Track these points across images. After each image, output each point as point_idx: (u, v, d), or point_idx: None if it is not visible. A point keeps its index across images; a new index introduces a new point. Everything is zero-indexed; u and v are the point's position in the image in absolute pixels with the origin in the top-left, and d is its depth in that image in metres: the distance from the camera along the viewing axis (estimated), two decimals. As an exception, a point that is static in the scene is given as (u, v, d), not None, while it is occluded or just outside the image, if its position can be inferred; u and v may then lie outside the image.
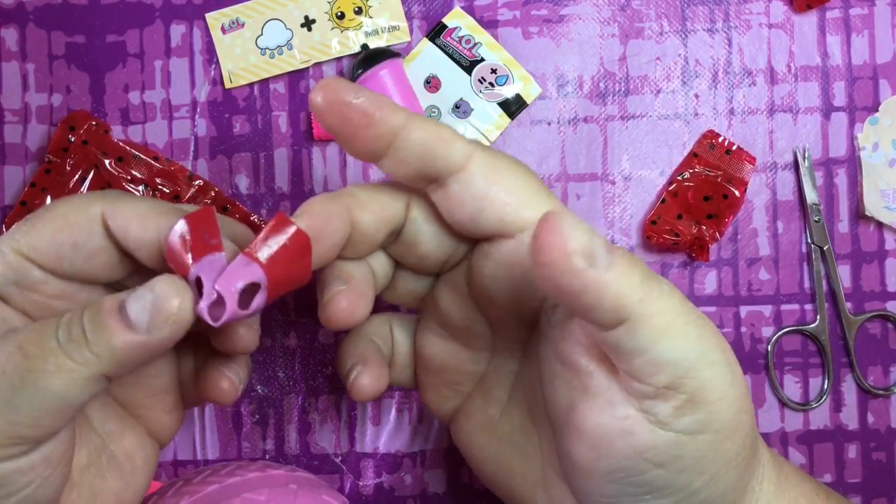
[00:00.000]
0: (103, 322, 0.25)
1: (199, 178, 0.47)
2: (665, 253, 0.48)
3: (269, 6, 0.48)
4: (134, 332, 0.25)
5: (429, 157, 0.28)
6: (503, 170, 0.29)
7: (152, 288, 0.25)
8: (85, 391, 0.25)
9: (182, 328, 0.26)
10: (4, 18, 0.48)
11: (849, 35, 0.48)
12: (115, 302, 0.25)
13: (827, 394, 0.47)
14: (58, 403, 0.25)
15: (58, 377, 0.25)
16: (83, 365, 0.25)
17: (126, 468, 0.31)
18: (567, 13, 0.48)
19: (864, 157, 0.47)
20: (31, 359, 0.25)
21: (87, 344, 0.25)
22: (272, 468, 0.42)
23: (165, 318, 0.25)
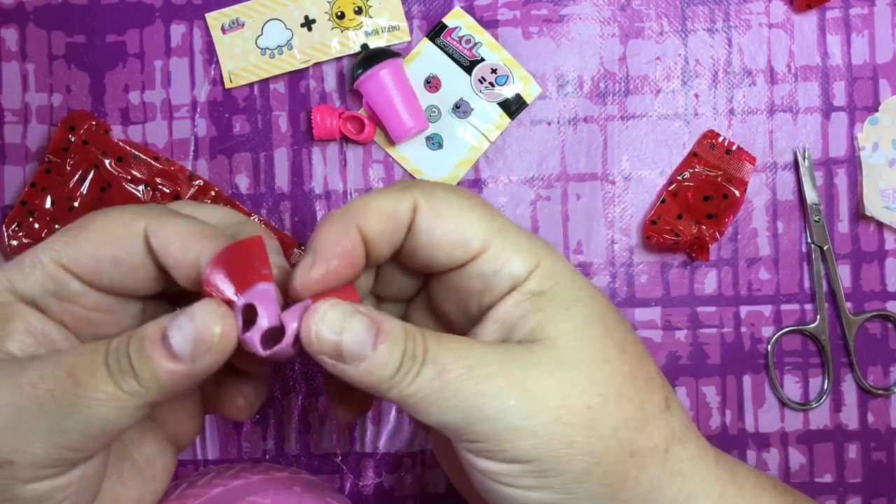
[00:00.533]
0: (147, 354, 0.25)
1: (199, 178, 0.47)
2: (665, 253, 0.48)
3: (269, 6, 0.48)
4: (178, 361, 0.25)
5: (391, 238, 0.29)
6: (444, 209, 0.29)
7: (192, 316, 0.25)
8: (131, 419, 0.26)
9: (225, 355, 0.26)
10: (4, 18, 0.48)
11: (849, 35, 0.48)
12: (158, 331, 0.26)
13: (827, 394, 0.47)
14: (104, 430, 0.25)
15: (107, 406, 0.25)
16: (131, 395, 0.25)
17: (146, 474, 0.32)
18: (567, 13, 0.48)
19: (864, 156, 0.47)
20: (81, 386, 0.25)
21: (134, 375, 0.25)
22: (276, 470, 0.42)
23: (209, 347, 0.25)
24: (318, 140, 0.48)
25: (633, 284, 0.48)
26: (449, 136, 0.48)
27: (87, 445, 0.26)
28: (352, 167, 0.48)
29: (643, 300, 0.48)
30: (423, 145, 0.48)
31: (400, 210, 0.29)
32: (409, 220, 0.29)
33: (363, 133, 0.47)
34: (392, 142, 0.47)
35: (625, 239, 0.48)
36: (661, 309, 0.48)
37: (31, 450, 0.25)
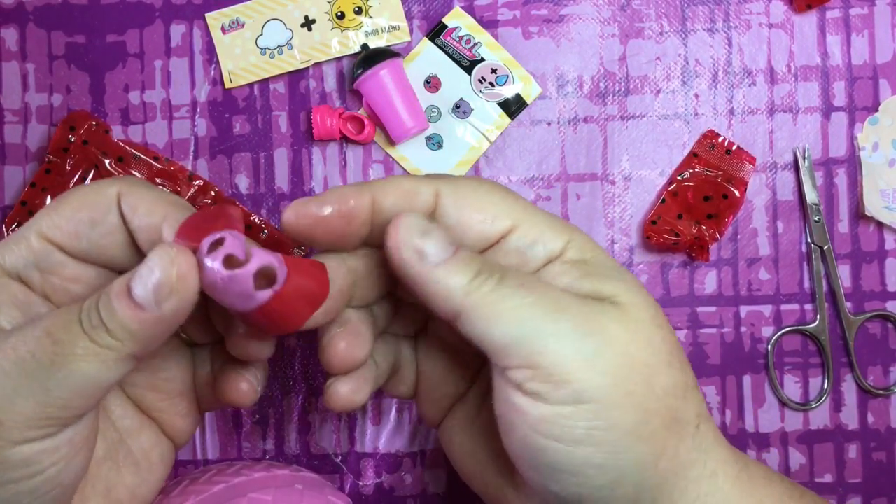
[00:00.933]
0: (113, 306, 0.26)
1: (199, 178, 0.47)
2: (665, 253, 0.48)
3: (269, 6, 0.48)
4: (143, 309, 0.26)
5: (411, 206, 0.30)
6: (468, 193, 0.30)
7: (149, 261, 0.26)
8: (115, 372, 0.26)
9: (189, 296, 0.26)
10: (4, 18, 0.48)
11: (849, 35, 0.48)
12: (123, 283, 0.26)
13: (827, 394, 0.47)
14: (88, 384, 0.26)
15: (86, 361, 0.26)
16: (107, 348, 0.26)
17: (142, 464, 0.32)
18: (567, 13, 0.48)
19: (864, 156, 0.47)
20: (59, 344, 0.26)
21: (106, 328, 0.26)
22: (277, 468, 0.42)
23: (170, 289, 0.25)
24: (318, 140, 0.48)
25: (633, 284, 0.48)
26: (449, 136, 0.48)
27: (72, 402, 0.26)
28: (352, 167, 0.48)
29: (643, 300, 0.48)
30: (423, 145, 0.48)
31: (421, 191, 0.30)
32: (431, 206, 0.30)
33: (363, 133, 0.47)
34: (392, 142, 0.47)
35: (625, 239, 0.48)
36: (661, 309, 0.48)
37: (18, 409, 0.25)
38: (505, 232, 0.30)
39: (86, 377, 0.26)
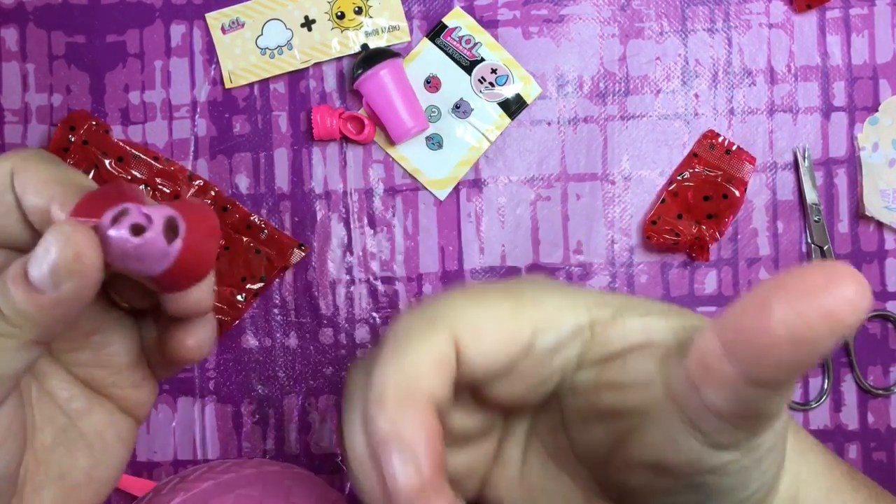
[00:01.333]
0: (9, 290, 0.24)
1: (199, 178, 0.47)
2: (665, 253, 0.48)
3: (269, 6, 0.48)
4: (40, 292, 0.24)
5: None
6: None
7: (43, 242, 0.24)
8: (19, 360, 0.25)
9: (90, 274, 0.24)
10: (4, 18, 0.48)
11: (849, 35, 0.48)
12: (20, 267, 0.24)
13: (827, 394, 0.47)
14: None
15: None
16: (8, 336, 0.24)
17: (96, 446, 0.31)
18: (567, 13, 0.48)
19: (864, 157, 0.47)
20: None
21: (3, 317, 0.24)
22: (268, 465, 0.42)
23: (67, 270, 0.24)
24: (318, 140, 0.48)
25: (633, 284, 0.48)
26: (449, 136, 0.48)
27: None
28: (352, 167, 0.48)
29: (643, 300, 0.48)
30: (423, 145, 0.48)
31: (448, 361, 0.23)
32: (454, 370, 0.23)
33: (363, 133, 0.47)
34: (392, 142, 0.47)
35: (625, 239, 0.48)
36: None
37: None
38: None
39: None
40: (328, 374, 0.48)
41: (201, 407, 0.48)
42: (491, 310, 0.23)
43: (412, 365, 0.22)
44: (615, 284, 0.48)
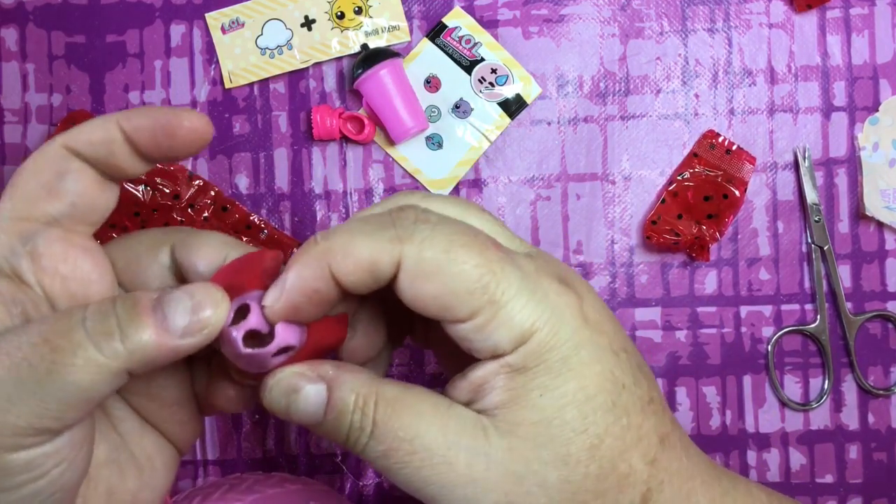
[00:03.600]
0: (140, 319, 0.25)
1: (199, 178, 0.47)
2: (665, 253, 0.48)
3: (269, 6, 0.48)
4: (168, 334, 0.25)
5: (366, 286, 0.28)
6: (430, 271, 0.27)
7: (192, 294, 0.26)
8: (109, 385, 0.25)
9: (210, 339, 0.26)
10: (4, 18, 0.48)
11: (849, 35, 0.48)
12: (151, 300, 0.26)
13: (827, 394, 0.47)
14: (83, 397, 0.25)
15: (85, 371, 0.24)
16: (112, 359, 0.25)
17: (145, 469, 0.31)
18: (567, 13, 0.48)
19: (865, 156, 0.47)
20: (58, 351, 0.24)
21: (121, 337, 0.25)
22: (289, 482, 0.42)
23: (202, 326, 0.25)
24: (318, 140, 0.48)
25: (633, 284, 0.48)
26: (449, 136, 0.48)
27: (66, 414, 0.25)
28: (352, 167, 0.48)
29: (643, 300, 0.48)
30: (423, 145, 0.48)
31: (381, 264, 0.27)
32: (391, 275, 0.27)
33: (363, 133, 0.47)
34: (392, 142, 0.47)
35: (625, 239, 0.48)
36: (662, 309, 0.48)
37: (11, 420, 0.24)
38: (460, 321, 0.27)
39: (80, 389, 0.25)
40: (328, 375, 0.48)
41: (201, 407, 0.48)
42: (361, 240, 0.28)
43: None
44: (615, 284, 0.48)
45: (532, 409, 0.27)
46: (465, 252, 0.27)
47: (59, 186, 0.28)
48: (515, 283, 0.27)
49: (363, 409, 0.27)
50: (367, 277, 0.27)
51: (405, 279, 0.27)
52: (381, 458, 0.27)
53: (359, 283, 0.27)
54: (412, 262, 0.27)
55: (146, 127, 0.27)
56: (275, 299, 0.27)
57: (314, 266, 0.27)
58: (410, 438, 0.27)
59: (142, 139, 0.28)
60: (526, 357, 0.27)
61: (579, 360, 0.27)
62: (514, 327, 0.27)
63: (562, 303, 0.28)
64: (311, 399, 0.27)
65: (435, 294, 0.27)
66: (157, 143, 0.28)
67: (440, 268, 0.26)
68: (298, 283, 0.27)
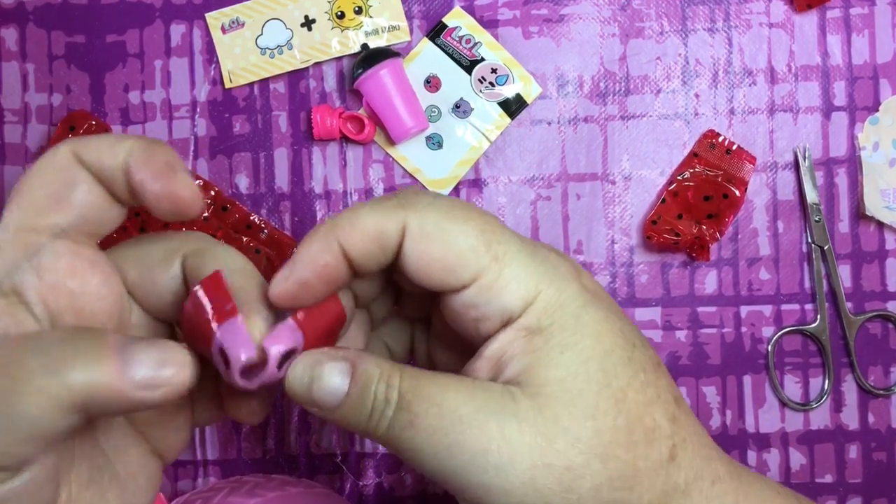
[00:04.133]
0: (101, 356, 0.24)
1: (199, 178, 0.47)
2: (665, 253, 0.48)
3: (269, 6, 0.48)
4: (124, 380, 0.24)
5: (376, 258, 0.28)
6: (434, 233, 0.28)
7: (161, 348, 0.25)
8: (61, 421, 0.24)
9: (167, 400, 0.25)
10: (4, 18, 0.48)
11: (849, 35, 0.48)
12: (118, 341, 0.24)
13: (827, 394, 0.47)
14: (33, 431, 0.23)
15: (35, 401, 0.23)
16: (62, 390, 0.23)
17: (129, 487, 0.30)
18: (567, 13, 0.48)
19: (865, 156, 0.47)
20: (11, 379, 0.23)
21: (77, 370, 0.23)
22: (291, 485, 0.41)
23: (159, 384, 0.24)
24: (318, 140, 0.48)
25: (634, 284, 0.48)
26: (449, 136, 0.48)
27: (18, 449, 0.23)
28: (352, 167, 0.48)
29: (643, 300, 0.48)
30: (423, 145, 0.48)
31: (387, 232, 0.28)
32: (397, 243, 0.28)
33: (363, 133, 0.47)
34: (392, 142, 0.47)
35: (625, 239, 0.48)
36: (662, 309, 0.48)
37: None
38: (466, 284, 0.28)
39: (30, 421, 0.23)
40: (328, 374, 0.48)
41: (201, 407, 0.48)
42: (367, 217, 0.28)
43: None
44: (615, 284, 0.48)
45: (556, 367, 0.27)
46: (465, 213, 0.28)
47: (69, 197, 0.27)
48: (515, 244, 0.28)
49: (388, 381, 0.27)
50: (374, 248, 0.28)
51: (410, 244, 0.27)
52: (408, 428, 0.26)
53: (367, 254, 0.28)
54: (416, 226, 0.27)
55: (139, 181, 0.26)
56: (284, 278, 0.27)
57: (323, 240, 0.28)
58: (439, 403, 0.26)
59: (143, 196, 0.27)
60: (539, 316, 0.27)
61: (590, 317, 0.28)
62: (521, 285, 0.27)
63: (561, 266, 0.28)
64: (335, 373, 0.27)
65: (439, 256, 0.27)
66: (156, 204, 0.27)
67: (443, 228, 0.27)
68: (307, 257, 0.28)
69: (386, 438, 0.27)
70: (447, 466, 0.26)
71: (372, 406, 0.27)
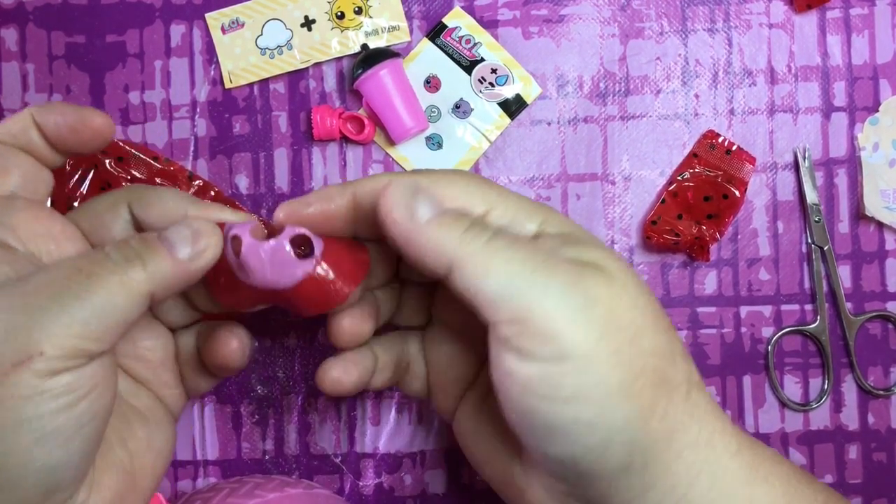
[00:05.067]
0: (154, 247, 0.29)
1: (199, 178, 0.47)
2: (665, 253, 0.48)
3: (269, 6, 0.48)
4: (177, 259, 0.29)
5: None
6: (444, 184, 0.31)
7: (190, 225, 0.30)
8: (138, 307, 0.29)
9: (211, 261, 0.30)
10: (4, 18, 0.48)
11: (849, 35, 0.48)
12: (156, 235, 0.30)
13: (827, 394, 0.47)
14: (119, 318, 0.28)
15: (119, 292, 0.28)
16: (139, 282, 0.28)
17: (150, 417, 0.34)
18: (567, 13, 0.48)
19: (865, 157, 0.47)
20: (93, 278, 0.28)
21: (142, 265, 0.28)
22: (290, 486, 0.41)
23: (202, 252, 0.30)
24: (318, 140, 0.48)
25: (633, 285, 0.48)
26: (449, 136, 0.48)
27: (105, 336, 0.28)
28: (352, 167, 0.48)
29: (643, 300, 0.48)
30: (423, 145, 0.48)
31: None
32: None
33: (363, 133, 0.47)
34: (392, 142, 0.47)
35: (625, 239, 0.48)
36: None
37: (57, 342, 0.26)
38: (481, 216, 0.31)
39: (115, 309, 0.28)
40: (328, 375, 0.48)
41: (200, 407, 0.48)
42: None
43: None
44: (615, 284, 0.48)
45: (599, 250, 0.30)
46: (466, 172, 0.34)
47: (11, 165, 0.31)
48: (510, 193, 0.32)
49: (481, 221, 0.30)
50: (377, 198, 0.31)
51: None
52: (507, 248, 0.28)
53: (370, 203, 0.31)
54: (428, 182, 0.31)
55: (53, 123, 0.31)
56: (291, 202, 0.32)
57: (341, 188, 0.32)
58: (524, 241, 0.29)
59: (50, 134, 0.32)
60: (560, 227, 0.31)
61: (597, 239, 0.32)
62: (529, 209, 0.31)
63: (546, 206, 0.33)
64: (431, 198, 0.30)
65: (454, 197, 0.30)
66: (62, 138, 0.32)
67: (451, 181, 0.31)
68: (322, 192, 0.32)
69: (474, 250, 0.28)
70: (536, 292, 0.28)
71: (469, 224, 0.29)
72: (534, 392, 0.28)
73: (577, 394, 0.27)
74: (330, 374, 0.35)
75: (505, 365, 0.28)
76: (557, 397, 0.27)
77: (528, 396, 0.28)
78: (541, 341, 0.27)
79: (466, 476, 0.48)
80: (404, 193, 0.29)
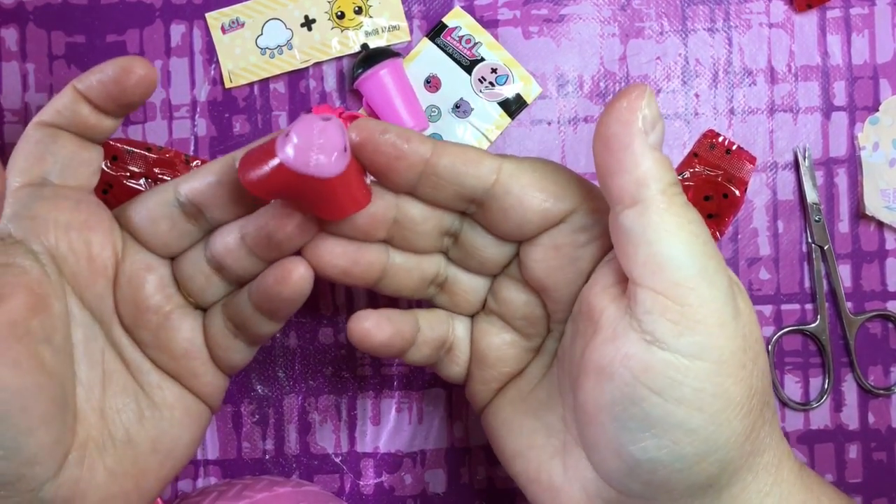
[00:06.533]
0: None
1: (197, 159, 0.47)
2: (665, 253, 0.48)
3: (269, 6, 0.48)
4: None
5: (460, 178, 0.31)
6: (531, 172, 0.31)
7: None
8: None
9: None
10: (4, 18, 0.48)
11: (849, 35, 0.48)
12: None
13: (827, 394, 0.47)
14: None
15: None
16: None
17: (165, 417, 0.33)
18: (567, 13, 0.48)
19: (865, 156, 0.47)
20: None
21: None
22: (279, 485, 0.41)
23: None
24: (318, 140, 0.48)
25: (634, 284, 0.48)
26: (449, 136, 0.48)
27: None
28: (352, 167, 0.48)
29: (643, 300, 0.48)
30: (423, 145, 0.48)
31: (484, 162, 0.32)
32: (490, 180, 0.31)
33: (363, 133, 0.47)
34: (392, 141, 0.47)
35: (625, 239, 0.48)
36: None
37: None
38: (566, 214, 0.30)
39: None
40: (328, 374, 0.48)
41: (201, 407, 0.48)
42: None
43: None
44: (615, 284, 0.48)
45: None
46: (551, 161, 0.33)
47: (47, 153, 0.31)
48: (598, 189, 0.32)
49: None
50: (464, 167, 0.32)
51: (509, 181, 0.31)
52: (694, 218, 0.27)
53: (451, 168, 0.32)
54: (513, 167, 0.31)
55: (97, 83, 0.32)
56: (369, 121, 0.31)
57: (423, 138, 0.32)
58: None
59: (96, 97, 0.31)
60: None
61: None
62: None
63: None
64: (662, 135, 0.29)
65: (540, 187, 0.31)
66: (109, 96, 0.32)
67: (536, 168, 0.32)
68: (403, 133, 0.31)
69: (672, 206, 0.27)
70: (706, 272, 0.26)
71: (676, 181, 0.28)
72: (647, 382, 0.26)
73: (695, 398, 0.26)
74: (362, 323, 0.33)
75: (626, 346, 0.26)
76: (672, 395, 0.26)
77: (639, 385, 0.26)
78: (682, 328, 0.25)
79: (466, 476, 0.48)
80: (647, 116, 0.27)
